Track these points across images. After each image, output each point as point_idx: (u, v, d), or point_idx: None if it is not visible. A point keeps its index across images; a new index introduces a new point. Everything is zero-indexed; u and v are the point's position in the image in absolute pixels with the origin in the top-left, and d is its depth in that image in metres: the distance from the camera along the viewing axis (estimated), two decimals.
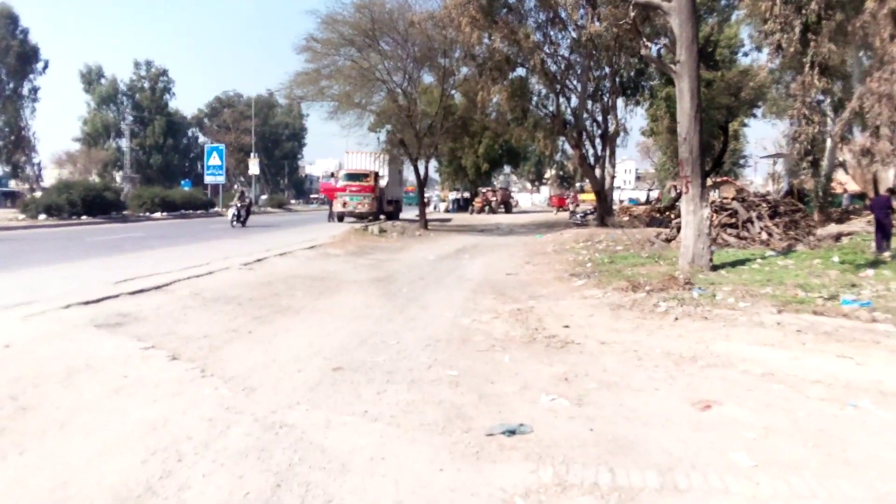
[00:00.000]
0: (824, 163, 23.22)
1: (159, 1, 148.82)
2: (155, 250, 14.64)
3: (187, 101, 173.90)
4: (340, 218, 30.41)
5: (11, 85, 54.65)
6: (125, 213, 29.61)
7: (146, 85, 79.20)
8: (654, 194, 61.17)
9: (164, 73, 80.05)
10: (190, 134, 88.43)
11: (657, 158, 76.03)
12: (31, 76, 56.17)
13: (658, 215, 28.73)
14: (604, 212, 24.93)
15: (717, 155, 32.59)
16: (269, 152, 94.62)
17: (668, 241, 15.24)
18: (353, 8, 22.71)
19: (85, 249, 14.84)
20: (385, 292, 9.58)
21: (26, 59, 54.71)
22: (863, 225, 17.94)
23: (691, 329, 6.32)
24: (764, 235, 14.65)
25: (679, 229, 15.76)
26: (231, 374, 4.96)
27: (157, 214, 31.40)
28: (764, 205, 16.30)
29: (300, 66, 24.87)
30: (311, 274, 11.27)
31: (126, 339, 5.98)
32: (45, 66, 57.41)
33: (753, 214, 15.20)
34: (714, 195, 48.97)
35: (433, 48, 24.28)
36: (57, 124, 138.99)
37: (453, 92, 30.11)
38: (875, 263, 10.68)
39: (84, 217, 25.64)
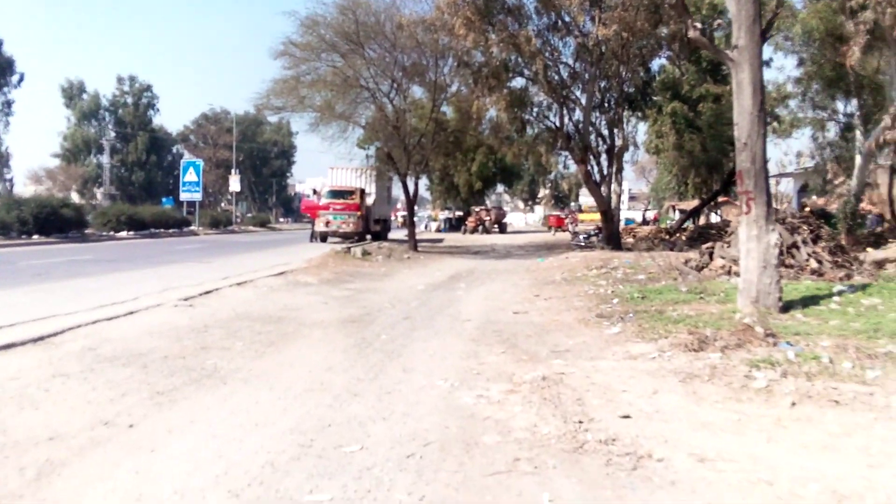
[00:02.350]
0: (853, 181, 21.17)
1: (147, 16, 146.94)
2: (87, 278, 12.22)
3: (173, 117, 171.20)
4: (324, 238, 28.07)
5: None
6: (87, 232, 27.11)
7: (129, 100, 76.99)
8: (651, 214, 59.28)
9: (148, 88, 77.93)
10: (174, 151, 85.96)
11: (653, 177, 74.61)
12: (5, 89, 53.83)
13: (667, 237, 26.57)
14: (610, 233, 22.68)
15: (728, 174, 30.54)
16: (256, 170, 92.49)
17: (699, 269, 12.96)
18: (336, 9, 20.56)
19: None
20: (357, 341, 7.21)
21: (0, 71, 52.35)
22: None
23: (830, 427, 3.99)
24: (813, 263, 12.41)
25: (711, 255, 13.58)
26: None
27: (123, 234, 28.90)
28: (804, 227, 14.08)
29: (278, 74, 22.59)
30: (267, 313, 8.88)
31: None
32: (21, 79, 55.27)
33: (798, 238, 12.97)
34: (715, 216, 47.11)
35: (423, 55, 22.17)
36: (36, 140, 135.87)
37: (445, 107, 28.06)
38: None
39: (36, 236, 23.15)
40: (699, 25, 10.39)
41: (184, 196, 39.88)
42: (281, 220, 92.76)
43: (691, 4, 21.20)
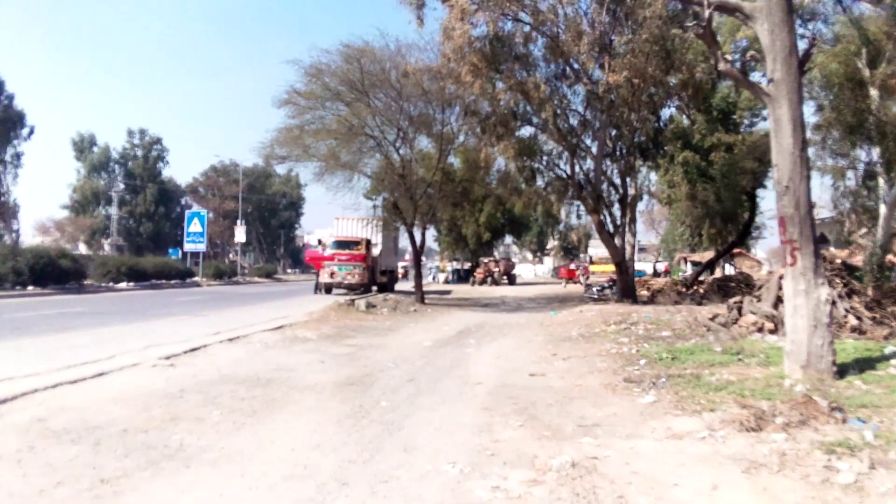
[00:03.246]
0: (878, 231, 20.27)
1: (158, 70, 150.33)
2: (69, 333, 11.36)
3: (182, 169, 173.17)
4: (328, 289, 27.27)
5: None
6: (86, 283, 26.40)
7: (139, 153, 77.84)
8: (661, 266, 58.33)
9: (158, 141, 78.86)
10: (183, 202, 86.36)
11: (663, 229, 73.92)
12: (15, 141, 54.27)
13: (684, 290, 25.58)
14: (625, 286, 21.75)
15: (744, 224, 29.75)
16: (265, 221, 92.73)
17: (728, 325, 12.01)
18: (341, 57, 20.24)
19: None
20: (353, 409, 6.30)
21: (10, 124, 52.88)
22: None
23: None
24: (852, 320, 11.44)
25: (740, 310, 12.63)
26: None
27: (123, 285, 28.15)
28: (837, 280, 13.17)
29: (283, 123, 22.21)
30: (256, 374, 7.98)
31: None
32: (31, 132, 55.77)
33: (834, 293, 12.03)
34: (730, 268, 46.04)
35: (430, 104, 21.78)
36: (46, 192, 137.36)
37: (453, 157, 27.62)
38: None
39: (31, 287, 22.44)
40: (729, 58, 9.73)
41: (188, 247, 39.34)
42: (288, 270, 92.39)
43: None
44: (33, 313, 15.30)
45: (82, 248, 71.02)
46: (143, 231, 75.49)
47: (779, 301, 12.35)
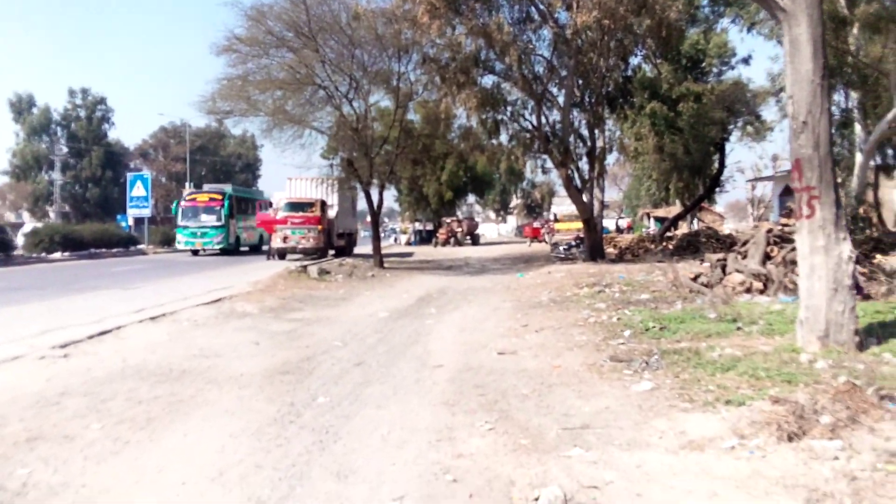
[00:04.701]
0: (853, 181, 19.57)
1: (101, 26, 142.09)
2: None
3: (131, 131, 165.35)
4: (282, 255, 25.62)
5: None
6: (14, 254, 24.25)
7: (82, 114, 73.34)
8: (624, 223, 57.91)
9: (102, 101, 74.26)
10: (132, 166, 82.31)
11: (626, 185, 73.43)
12: None
13: (651, 246, 24.74)
14: (593, 244, 20.72)
15: (712, 178, 28.98)
16: (220, 184, 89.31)
17: (710, 285, 10.99)
18: None
19: None
20: (279, 413, 5.00)
21: None
22: None
23: None
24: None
25: (724, 268, 11.61)
26: None
27: (57, 255, 26.02)
28: None
29: (223, 73, 20.22)
30: (169, 364, 6.60)
31: None
32: None
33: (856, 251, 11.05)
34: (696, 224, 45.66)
35: (385, 52, 20.03)
36: None
37: (413, 114, 25.98)
38: None
39: None
40: None
41: (131, 212, 36.89)
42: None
43: None
44: None
45: (26, 217, 67.48)
46: (90, 197, 71.72)
47: (766, 258, 11.40)
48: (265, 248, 30.03)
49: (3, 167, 69.60)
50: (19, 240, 27.71)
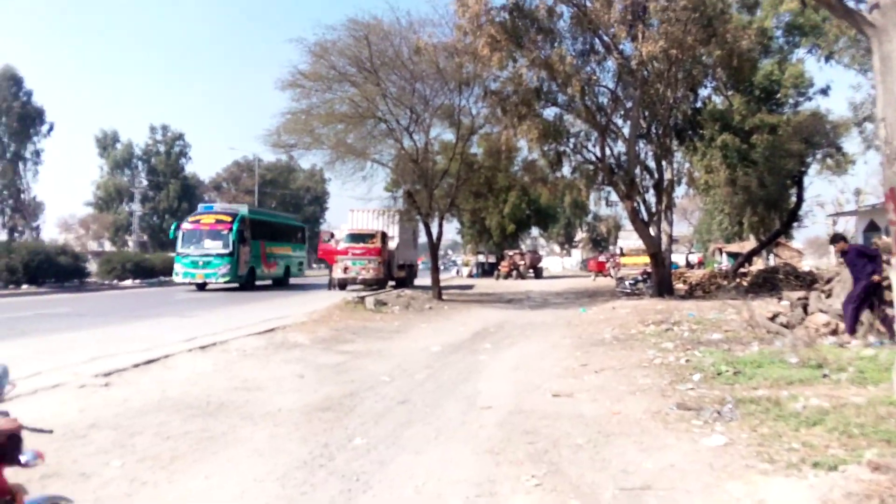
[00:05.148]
0: None
1: (180, 66, 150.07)
2: (12, 342, 9.77)
3: (206, 165, 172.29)
4: (342, 285, 25.65)
5: (13, 147, 52.20)
6: (88, 281, 25.25)
7: (162, 149, 77.38)
8: (694, 258, 55.78)
9: (181, 136, 78.35)
10: (206, 198, 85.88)
11: (696, 219, 71.06)
12: (35, 138, 53.86)
13: (724, 282, 23.49)
14: (661, 279, 19.78)
15: (790, 212, 27.48)
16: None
17: (789, 326, 10.09)
18: (347, 33, 18.54)
19: None
20: (310, 455, 4.65)
21: (29, 120, 52.44)
22: None
23: None
24: None
25: (805, 308, 10.69)
26: None
27: (128, 282, 26.97)
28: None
29: (287, 108, 20.67)
30: (207, 397, 6.38)
31: None
32: (50, 129, 55.24)
33: None
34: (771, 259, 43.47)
35: (446, 86, 20.00)
36: (71, 190, 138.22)
37: (476, 148, 25.83)
38: None
39: (26, 286, 21.26)
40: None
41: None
42: (314, 265, 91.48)
43: None
44: (3, 315, 13.93)
45: (107, 246, 71.04)
46: (167, 227, 75.01)
47: None
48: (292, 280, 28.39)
49: (88, 199, 73.63)
50: (91, 266, 28.90)
